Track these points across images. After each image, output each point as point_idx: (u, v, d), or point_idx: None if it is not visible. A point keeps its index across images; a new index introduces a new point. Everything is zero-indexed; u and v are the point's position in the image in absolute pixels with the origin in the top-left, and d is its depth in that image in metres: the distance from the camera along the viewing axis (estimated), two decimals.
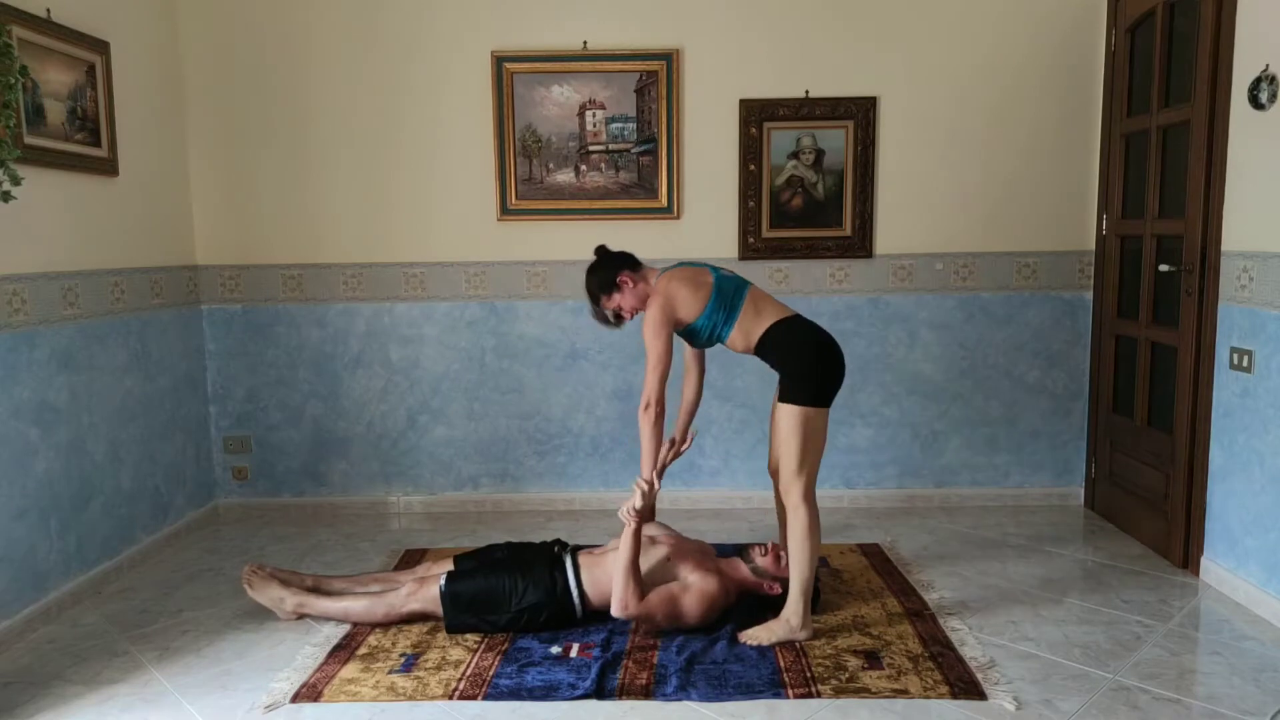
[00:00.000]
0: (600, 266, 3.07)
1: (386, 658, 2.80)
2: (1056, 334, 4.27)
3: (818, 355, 2.90)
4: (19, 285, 3.07)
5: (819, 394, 2.87)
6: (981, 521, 4.11)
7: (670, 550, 2.99)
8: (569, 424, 4.34)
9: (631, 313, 3.07)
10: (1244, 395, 3.15)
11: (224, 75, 4.15)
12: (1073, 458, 4.34)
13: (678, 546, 3.03)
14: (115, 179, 3.62)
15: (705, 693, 2.56)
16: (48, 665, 2.82)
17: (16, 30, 3.01)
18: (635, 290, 3.02)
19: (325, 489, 4.37)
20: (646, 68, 4.11)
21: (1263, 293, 3.05)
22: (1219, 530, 3.31)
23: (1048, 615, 3.08)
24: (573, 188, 4.20)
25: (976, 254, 4.22)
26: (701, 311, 2.94)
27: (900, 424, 4.33)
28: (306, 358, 4.31)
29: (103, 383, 3.51)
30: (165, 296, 3.97)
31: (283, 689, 2.62)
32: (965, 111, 4.14)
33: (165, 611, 3.22)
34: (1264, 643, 2.86)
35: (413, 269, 4.26)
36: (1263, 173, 3.04)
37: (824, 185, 4.17)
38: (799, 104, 4.11)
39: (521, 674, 2.67)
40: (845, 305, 4.25)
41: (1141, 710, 2.46)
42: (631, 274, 3.03)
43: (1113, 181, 4.03)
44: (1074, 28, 4.09)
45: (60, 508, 3.25)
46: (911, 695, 2.54)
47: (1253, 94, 3.06)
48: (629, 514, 2.82)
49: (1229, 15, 3.18)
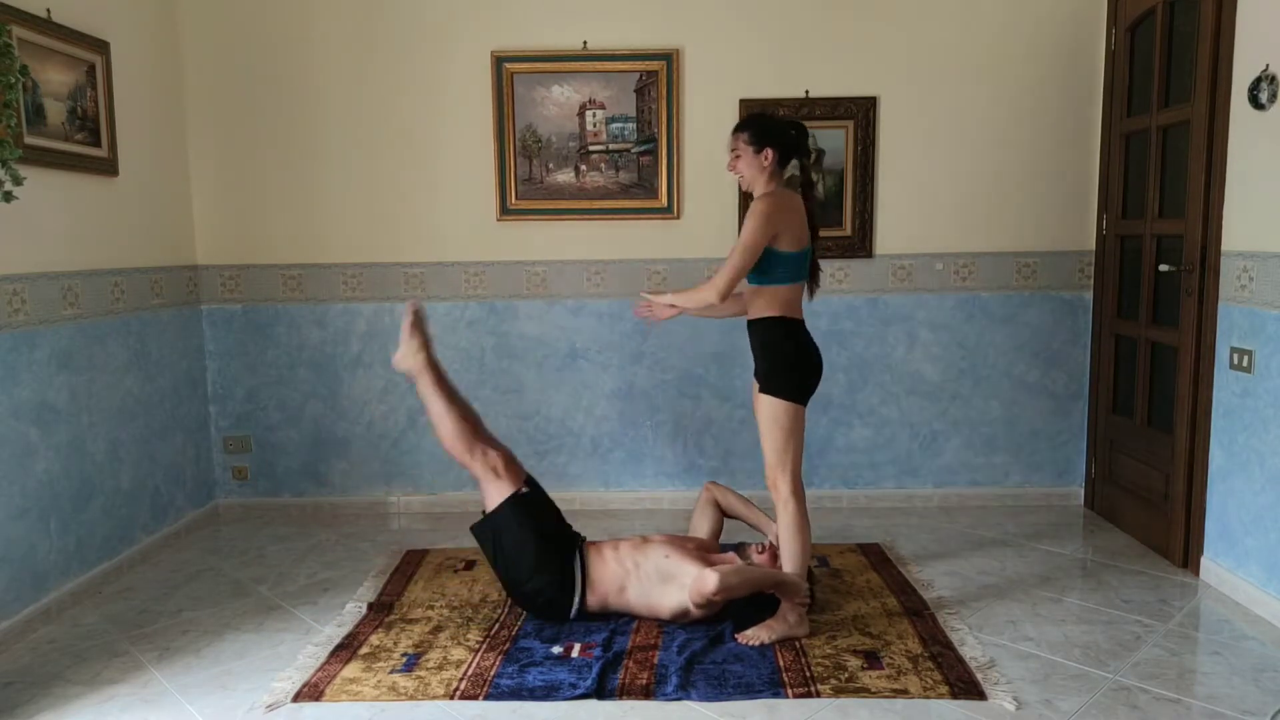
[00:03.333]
0: (778, 125, 2.98)
1: (388, 657, 2.80)
2: (1056, 334, 4.27)
3: (809, 360, 2.97)
4: (19, 285, 3.07)
5: (801, 390, 2.94)
6: (981, 521, 4.11)
7: (668, 548, 3.01)
8: (569, 424, 4.34)
9: (741, 178, 2.99)
10: (1244, 395, 3.15)
11: (224, 75, 4.15)
12: (1072, 457, 4.34)
13: (674, 543, 3.05)
14: (115, 179, 3.62)
15: (705, 692, 2.56)
16: (48, 665, 2.82)
17: (16, 30, 3.00)
18: (766, 171, 2.93)
19: (325, 489, 4.37)
20: (646, 68, 4.11)
21: (1263, 292, 3.05)
22: (1219, 530, 3.31)
23: (1047, 615, 3.08)
24: (573, 188, 4.20)
25: (976, 254, 4.22)
26: (794, 250, 2.89)
27: (900, 424, 4.33)
28: (306, 358, 4.31)
29: (103, 383, 3.51)
30: (165, 296, 3.97)
31: (284, 688, 2.62)
32: (965, 111, 4.14)
33: (165, 611, 3.22)
34: (1264, 642, 2.86)
35: (413, 269, 4.26)
36: (1263, 172, 3.04)
37: (824, 185, 4.17)
38: (799, 104, 4.12)
39: (523, 674, 2.67)
40: (845, 305, 4.25)
41: (1141, 710, 2.46)
42: (777, 159, 2.93)
43: (1113, 181, 4.03)
44: (1074, 27, 4.09)
45: (60, 508, 3.25)
46: (911, 695, 2.54)
47: (1253, 94, 3.06)
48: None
49: (1229, 15, 3.18)
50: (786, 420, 2.91)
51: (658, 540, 3.06)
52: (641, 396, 4.30)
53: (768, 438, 2.94)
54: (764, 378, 2.96)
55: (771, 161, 2.92)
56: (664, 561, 2.96)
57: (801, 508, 2.94)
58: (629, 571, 2.99)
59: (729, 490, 3.34)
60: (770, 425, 2.92)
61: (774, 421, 2.91)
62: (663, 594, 2.94)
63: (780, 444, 2.92)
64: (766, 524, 3.25)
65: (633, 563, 3.00)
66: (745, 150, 2.94)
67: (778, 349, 2.94)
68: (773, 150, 2.91)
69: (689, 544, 3.09)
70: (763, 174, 2.93)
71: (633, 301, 4.18)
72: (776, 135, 2.94)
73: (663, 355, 4.29)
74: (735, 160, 2.97)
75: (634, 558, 3.01)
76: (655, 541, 3.05)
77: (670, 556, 2.97)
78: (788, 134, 2.96)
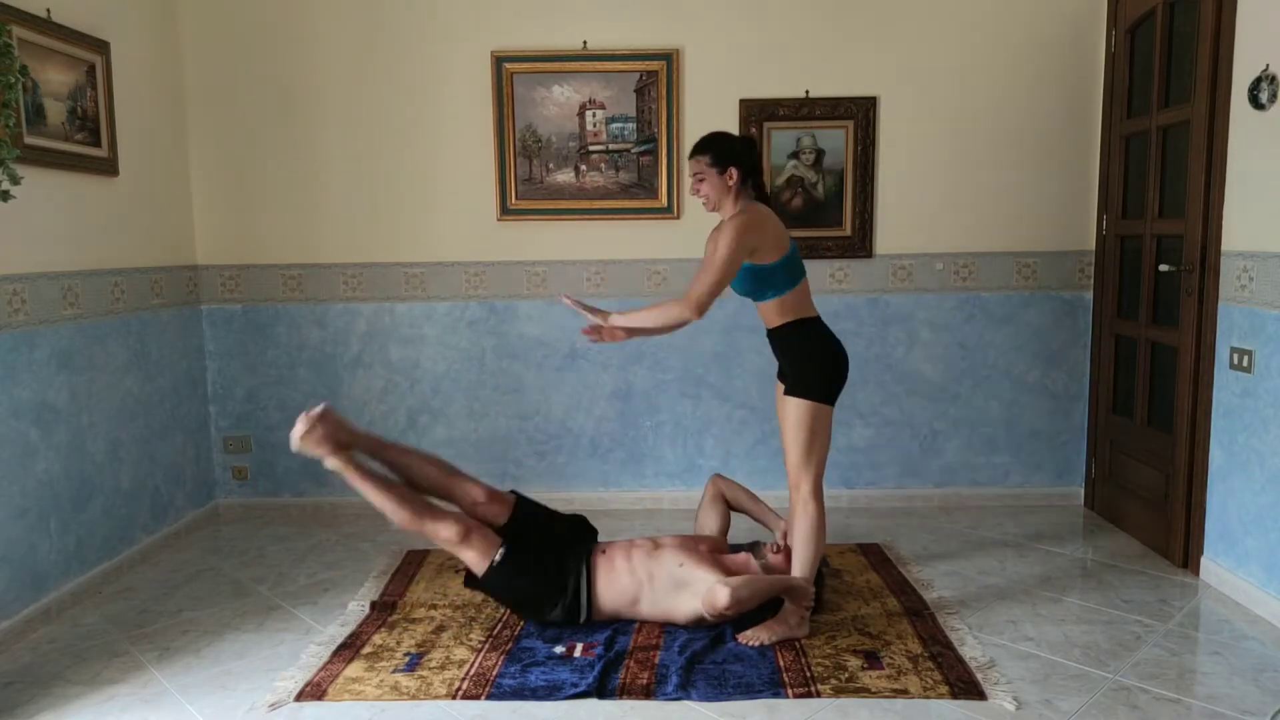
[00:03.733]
0: (736, 144, 2.93)
1: (391, 657, 2.80)
2: (1056, 334, 4.27)
3: (835, 359, 2.96)
4: (19, 285, 3.07)
5: (829, 392, 2.92)
6: (981, 521, 4.11)
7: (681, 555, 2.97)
8: (569, 424, 4.34)
9: (706, 199, 2.94)
10: (1244, 395, 3.15)
11: (224, 75, 4.15)
12: (1073, 457, 4.34)
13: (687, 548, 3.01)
14: (115, 179, 3.62)
15: (705, 692, 2.56)
16: (48, 665, 2.82)
17: (16, 30, 3.00)
18: (731, 191, 2.90)
19: (325, 489, 4.37)
20: (646, 67, 4.11)
21: (1263, 292, 3.05)
22: (1219, 530, 3.31)
23: (1047, 615, 3.08)
24: (573, 188, 4.20)
25: (976, 254, 4.23)
26: (778, 259, 2.87)
27: (900, 424, 4.33)
28: (306, 358, 4.31)
29: (102, 383, 3.51)
30: (165, 296, 3.97)
31: (287, 687, 2.62)
32: (965, 111, 4.14)
33: (165, 611, 3.22)
34: (1264, 642, 2.86)
35: (413, 269, 4.26)
36: (1263, 173, 3.04)
37: (824, 185, 4.17)
38: (799, 104, 4.12)
39: (525, 674, 2.67)
40: (845, 305, 4.25)
41: (1141, 710, 2.46)
42: (741, 177, 2.90)
43: (1113, 181, 4.03)
44: (1074, 28, 4.09)
45: (60, 508, 3.25)
46: (911, 695, 2.54)
47: (1253, 94, 3.06)
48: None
49: (1229, 15, 3.18)
50: (814, 422, 2.89)
51: (670, 546, 3.01)
52: (641, 396, 4.30)
53: (793, 440, 2.90)
54: (791, 380, 2.94)
55: (736, 180, 2.90)
56: (678, 570, 2.92)
57: (820, 511, 2.92)
58: (642, 583, 2.94)
59: (735, 484, 3.32)
60: (796, 428, 2.89)
61: (800, 424, 2.89)
62: (676, 602, 2.91)
63: (805, 445, 2.89)
64: (774, 520, 3.25)
65: (646, 573, 2.95)
66: (709, 172, 2.90)
67: (801, 350, 2.93)
68: (736, 169, 2.89)
69: (702, 546, 3.05)
70: (729, 194, 2.91)
71: (634, 301, 4.19)
72: (738, 154, 2.91)
73: (663, 355, 4.28)
74: (699, 184, 2.93)
75: (647, 567, 2.95)
76: (668, 547, 3.01)
77: (685, 564, 2.92)
78: (750, 152, 2.95)
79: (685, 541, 3.07)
